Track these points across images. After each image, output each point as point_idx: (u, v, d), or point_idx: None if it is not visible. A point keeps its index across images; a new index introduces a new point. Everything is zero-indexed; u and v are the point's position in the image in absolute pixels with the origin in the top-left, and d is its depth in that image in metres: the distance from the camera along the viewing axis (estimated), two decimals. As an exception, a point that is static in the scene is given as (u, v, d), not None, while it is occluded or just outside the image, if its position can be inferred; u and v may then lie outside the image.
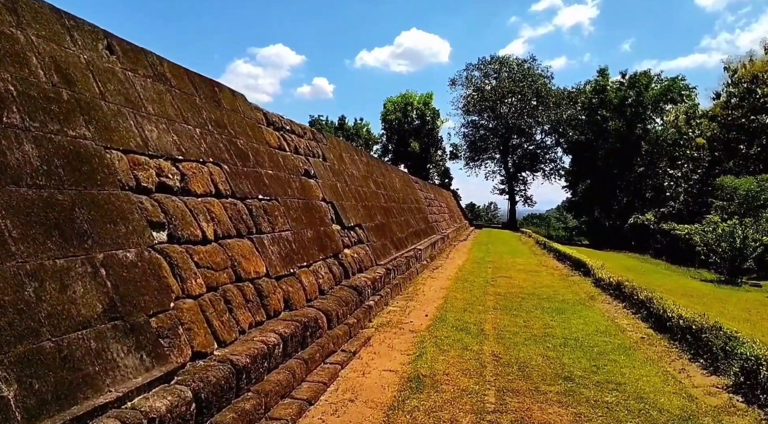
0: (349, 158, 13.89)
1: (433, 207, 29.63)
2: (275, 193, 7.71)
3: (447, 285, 13.00)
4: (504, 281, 14.21)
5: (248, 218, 6.50)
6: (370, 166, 16.47)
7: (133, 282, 4.08)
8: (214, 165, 6.32)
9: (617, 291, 12.26)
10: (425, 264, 16.30)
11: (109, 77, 5.09)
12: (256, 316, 5.63)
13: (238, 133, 7.51)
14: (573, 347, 7.58)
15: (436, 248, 20.63)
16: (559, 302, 11.19)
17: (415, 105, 62.81)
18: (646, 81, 51.54)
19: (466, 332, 8.17)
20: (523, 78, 58.87)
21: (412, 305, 10.26)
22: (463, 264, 17.98)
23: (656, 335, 8.65)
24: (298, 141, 10.14)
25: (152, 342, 3.97)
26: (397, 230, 15.74)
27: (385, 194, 16.69)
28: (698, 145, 46.40)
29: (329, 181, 10.92)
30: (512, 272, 16.46)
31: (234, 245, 5.85)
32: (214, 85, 7.51)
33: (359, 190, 13.31)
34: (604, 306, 11.20)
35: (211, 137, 6.59)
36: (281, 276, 6.68)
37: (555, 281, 14.88)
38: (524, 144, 63.37)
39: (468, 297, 11.28)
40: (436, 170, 67.74)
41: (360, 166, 14.87)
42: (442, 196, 40.52)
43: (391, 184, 18.99)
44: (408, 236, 17.03)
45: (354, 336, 7.52)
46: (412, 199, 22.58)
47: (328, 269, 8.41)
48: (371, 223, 12.85)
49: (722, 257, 24.86)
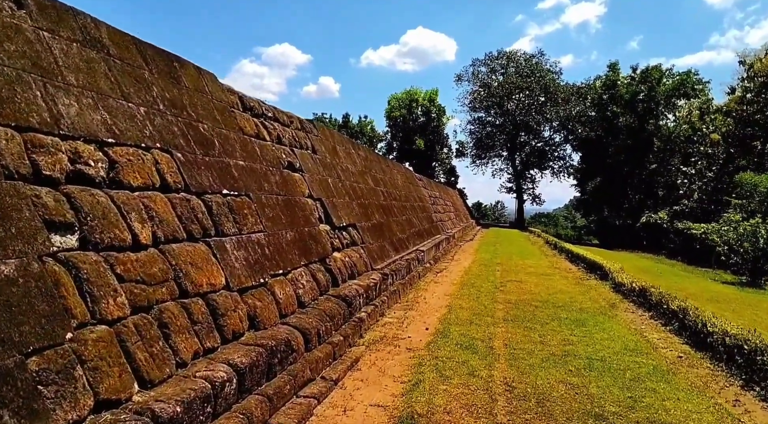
0: (344, 152, 12.69)
1: (438, 206, 28.39)
2: (246, 188, 6.52)
3: (451, 291, 11.78)
4: (514, 285, 12.97)
5: (206, 217, 5.32)
6: (369, 161, 15.27)
7: (4, 308, 2.91)
8: (163, 152, 5.14)
9: (641, 298, 11.01)
10: (428, 267, 15.09)
11: (9, 35, 3.91)
12: (206, 341, 4.45)
13: (202, 117, 6.33)
14: (600, 370, 6.35)
15: (441, 249, 19.41)
16: (577, 312, 9.95)
17: (420, 101, 61.42)
18: (658, 75, 49.98)
19: (473, 350, 6.96)
20: (530, 73, 57.35)
21: (411, 316, 9.05)
22: (469, 266, 16.75)
23: (695, 354, 7.40)
24: (282, 130, 8.95)
25: (25, 394, 2.79)
26: (398, 230, 14.53)
27: (384, 191, 15.49)
28: (713, 142, 44.79)
29: (318, 176, 9.73)
30: (522, 275, 15.21)
31: (181, 252, 4.67)
32: (173, 60, 6.33)
33: (355, 187, 12.12)
34: (628, 316, 9.95)
35: (162, 119, 5.42)
36: (247, 288, 5.49)
37: (570, 285, 13.62)
38: (532, 141, 61.87)
39: (475, 306, 10.07)
40: (442, 168, 66.40)
41: (357, 161, 13.67)
42: (448, 195, 39.26)
43: (392, 181, 17.78)
44: (410, 237, 15.82)
45: (339, 358, 6.32)
46: (415, 197, 21.36)
47: (312, 277, 7.22)
48: (367, 222, 11.65)
49: (744, 258, 23.51)
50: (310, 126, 10.82)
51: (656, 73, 50.00)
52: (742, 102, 43.83)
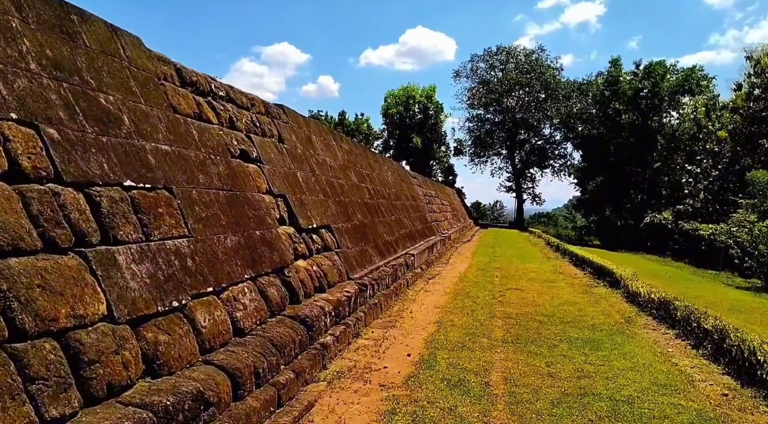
0: (322, 143, 11.17)
1: (434, 205, 26.87)
2: (168, 180, 5.00)
3: (443, 302, 10.27)
4: (514, 295, 11.45)
5: (85, 217, 3.80)
6: (354, 155, 13.75)
7: None
8: (23, 126, 3.62)
9: (662, 311, 9.52)
10: (419, 273, 13.58)
11: None
12: (50, 408, 2.92)
13: (108, 87, 4.80)
14: (630, 420, 4.84)
15: (435, 251, 17.90)
16: (589, 329, 8.45)
17: (418, 98, 59.82)
18: (662, 71, 48.40)
19: (463, 389, 5.44)
20: (531, 69, 55.77)
21: (392, 336, 7.54)
22: (465, 271, 15.24)
23: (743, 391, 5.88)
24: (237, 113, 7.43)
25: None
26: (385, 232, 13.02)
27: (371, 189, 13.97)
28: (719, 139, 43.23)
29: (284, 169, 8.21)
30: (524, 281, 13.70)
31: (24, 269, 3.14)
32: (71, 12, 4.81)
33: (333, 183, 10.60)
34: (650, 335, 8.44)
35: (31, 82, 3.89)
36: (147, 317, 3.97)
37: (577, 294, 12.11)
38: (532, 139, 60.31)
39: (469, 322, 8.56)
40: (440, 167, 64.87)
41: (338, 154, 12.16)
42: (445, 194, 37.75)
43: (381, 178, 16.26)
44: (399, 239, 14.31)
45: (286, 403, 4.80)
46: (408, 196, 19.84)
47: (259, 293, 5.70)
48: (347, 223, 10.13)
49: (759, 262, 22.03)
50: (277, 111, 9.30)
51: (660, 68, 48.44)
52: (749, 98, 42.35)
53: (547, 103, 55.69)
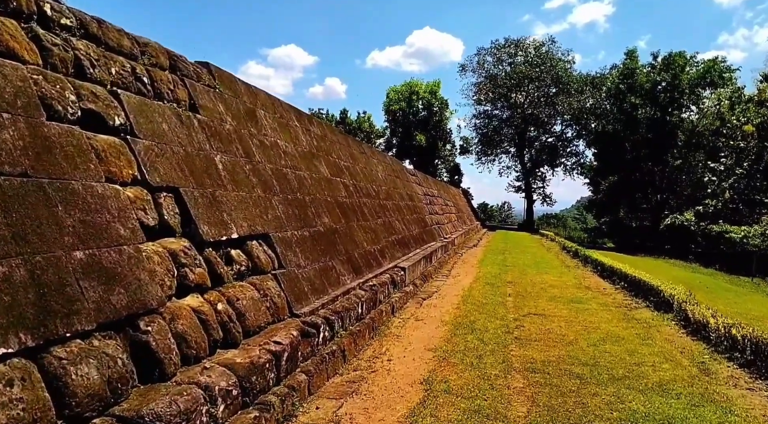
0: (275, 121, 8.29)
1: (436, 206, 23.92)
2: None
3: (438, 340, 7.35)
4: (535, 325, 8.51)
5: None
6: (328, 141, 10.86)
7: None
8: None
9: (753, 355, 6.57)
10: (411, 291, 10.66)
11: None
12: None
13: None
14: None
15: (434, 261, 14.97)
16: (656, 392, 5.50)
17: (422, 94, 56.71)
18: (682, 62, 45.10)
19: None
20: (541, 63, 52.47)
21: (347, 419, 4.63)
22: (470, 287, 12.30)
23: None
24: (99, 55, 4.57)
25: None
26: (366, 240, 10.12)
27: (351, 185, 11.07)
28: (746, 134, 39.91)
29: (185, 149, 5.33)
30: (544, 301, 10.74)
31: None
32: None
33: (287, 175, 7.72)
34: (753, 401, 5.48)
35: None
36: None
37: (618, 322, 9.14)
38: (542, 136, 57.05)
39: (472, 383, 5.63)
40: (445, 166, 61.77)
41: (302, 138, 9.27)
42: (449, 194, 34.77)
43: (368, 172, 13.35)
44: (387, 247, 11.41)
45: None
46: (403, 195, 16.90)
47: (43, 383, 2.80)
48: (302, 230, 7.24)
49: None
50: (197, 70, 6.43)
51: (681, 59, 45.14)
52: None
53: (558, 97, 52.40)
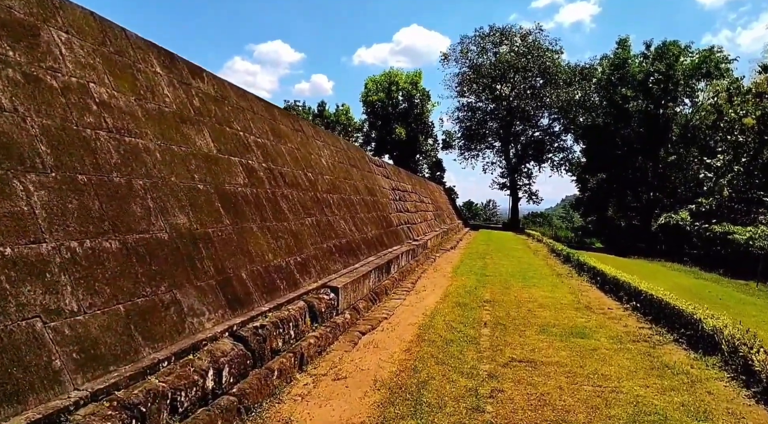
0: (97, 55, 5.02)
1: (407, 202, 20.73)
2: None
3: (352, 432, 4.18)
4: (520, 391, 5.35)
5: None
6: (224, 105, 7.58)
7: None
8: None
9: None
10: (344, 322, 7.46)
11: None
12: None
13: None
14: None
15: (393, 271, 11.78)
16: None
17: (401, 85, 53.46)
18: (676, 52, 42.39)
19: None
20: (527, 52, 49.53)
21: None
22: (433, 312, 9.13)
23: None
24: None
25: None
26: (273, 249, 6.89)
27: (263, 169, 7.83)
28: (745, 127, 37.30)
29: None
30: (533, 335, 7.61)
31: None
32: None
33: (93, 139, 4.47)
34: None
35: None
36: None
37: (646, 379, 6.03)
38: (528, 130, 54.02)
39: None
40: (426, 162, 58.61)
41: (165, 93, 6.00)
42: (427, 190, 31.63)
43: (301, 155, 10.09)
44: (314, 258, 8.19)
45: None
46: (359, 188, 13.67)
47: None
48: (103, 237, 4.00)
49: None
50: None
51: (675, 49, 42.39)
52: (777, 81, 36.59)
53: (546, 89, 49.49)
